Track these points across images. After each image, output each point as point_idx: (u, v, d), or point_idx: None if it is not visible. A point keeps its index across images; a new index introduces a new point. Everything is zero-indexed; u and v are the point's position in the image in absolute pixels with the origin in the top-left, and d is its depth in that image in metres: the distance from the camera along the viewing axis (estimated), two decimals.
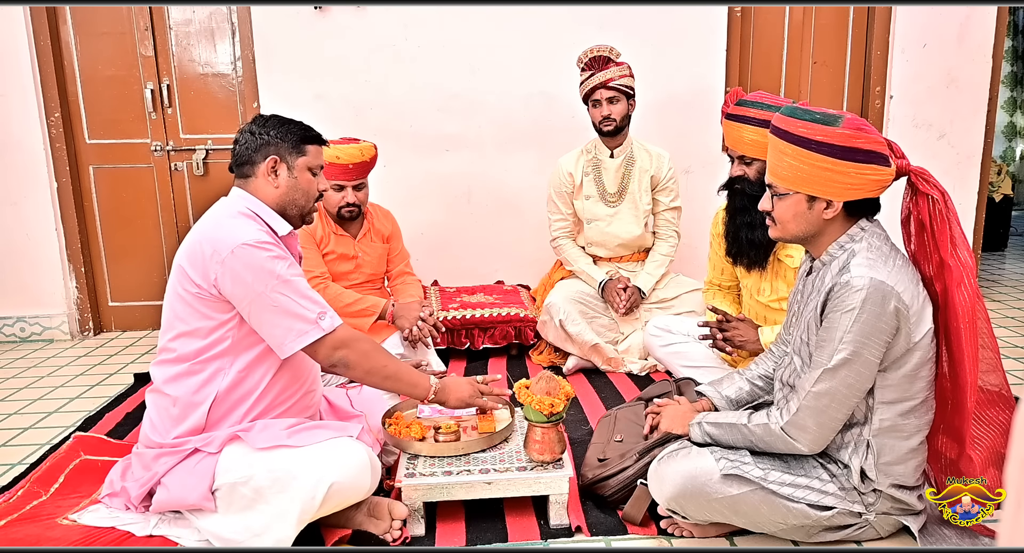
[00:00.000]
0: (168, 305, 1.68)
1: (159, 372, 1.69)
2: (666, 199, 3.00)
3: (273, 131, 1.72)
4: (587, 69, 2.83)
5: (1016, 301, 3.96)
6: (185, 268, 1.62)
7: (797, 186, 1.54)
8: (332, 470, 1.56)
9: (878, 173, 1.49)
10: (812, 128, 1.48)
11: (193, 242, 1.64)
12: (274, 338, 1.61)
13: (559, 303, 2.86)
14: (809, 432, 1.53)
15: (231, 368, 1.65)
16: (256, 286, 1.57)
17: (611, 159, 2.95)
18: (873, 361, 1.47)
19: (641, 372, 2.87)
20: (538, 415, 1.71)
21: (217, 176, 3.69)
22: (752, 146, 2.15)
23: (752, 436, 1.59)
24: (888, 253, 1.52)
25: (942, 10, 3.61)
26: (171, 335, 1.67)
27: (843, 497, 1.57)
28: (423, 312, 2.60)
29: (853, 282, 1.46)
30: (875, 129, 1.51)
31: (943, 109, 3.72)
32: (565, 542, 1.72)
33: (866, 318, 1.44)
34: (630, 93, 2.85)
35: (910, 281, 1.49)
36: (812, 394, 1.51)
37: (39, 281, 3.58)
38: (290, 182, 1.73)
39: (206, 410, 1.64)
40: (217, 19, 3.55)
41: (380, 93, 3.54)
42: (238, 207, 1.69)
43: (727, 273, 2.53)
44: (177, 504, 1.62)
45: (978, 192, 3.83)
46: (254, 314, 1.59)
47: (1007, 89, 6.87)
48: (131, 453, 1.79)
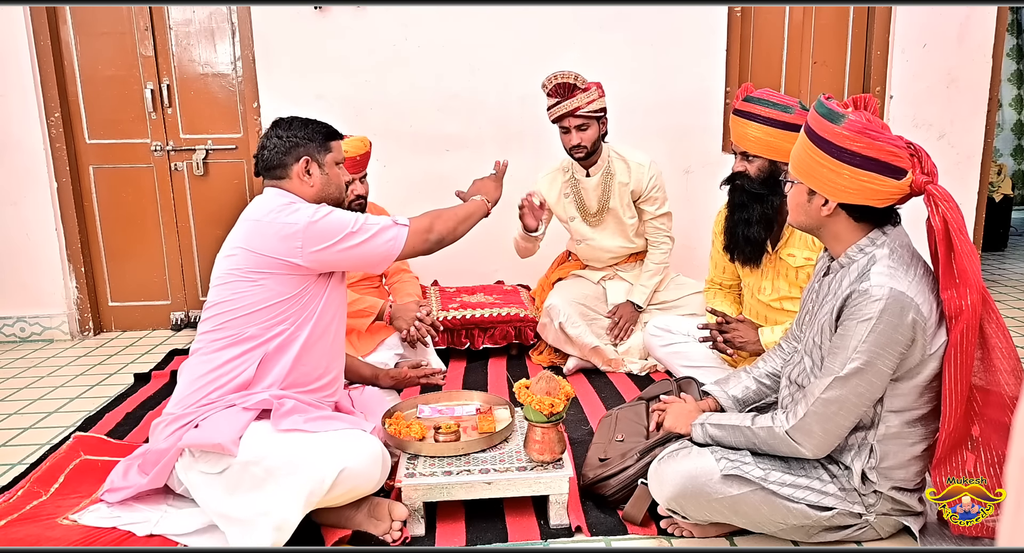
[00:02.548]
0: (224, 287, 1.74)
1: (207, 340, 1.75)
2: (651, 208, 2.89)
3: (300, 133, 1.81)
4: (552, 95, 2.70)
5: (1016, 301, 3.96)
6: (253, 249, 1.71)
7: (799, 175, 1.56)
8: (344, 456, 1.59)
9: (878, 182, 1.44)
10: (817, 122, 1.48)
11: (259, 225, 1.72)
12: (376, 257, 1.77)
13: (559, 305, 2.86)
14: (815, 438, 1.52)
15: (278, 339, 1.73)
16: (340, 240, 1.72)
17: (588, 178, 2.87)
18: (886, 372, 1.46)
19: (641, 372, 2.87)
20: (538, 415, 1.71)
21: (217, 176, 3.69)
22: (755, 143, 2.16)
23: (756, 438, 1.59)
24: (910, 262, 1.49)
25: (942, 10, 3.61)
26: (220, 312, 1.73)
27: (843, 498, 1.57)
28: (420, 312, 2.59)
29: (872, 291, 1.43)
30: (891, 140, 1.43)
31: (943, 109, 3.72)
32: (565, 542, 1.72)
33: (882, 329, 1.42)
34: (600, 116, 2.75)
35: (930, 292, 1.47)
36: (821, 400, 1.49)
37: (39, 281, 3.58)
38: (323, 179, 1.84)
39: (253, 372, 1.71)
40: (217, 19, 3.55)
41: (380, 93, 3.54)
42: (287, 199, 1.78)
43: (728, 272, 2.53)
44: (204, 442, 1.61)
45: (978, 192, 3.83)
46: (349, 257, 1.74)
47: (1014, 87, 6.87)
48: (157, 423, 1.78)
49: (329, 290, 1.81)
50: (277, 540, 1.55)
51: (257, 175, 1.87)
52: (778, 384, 1.84)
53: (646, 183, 2.85)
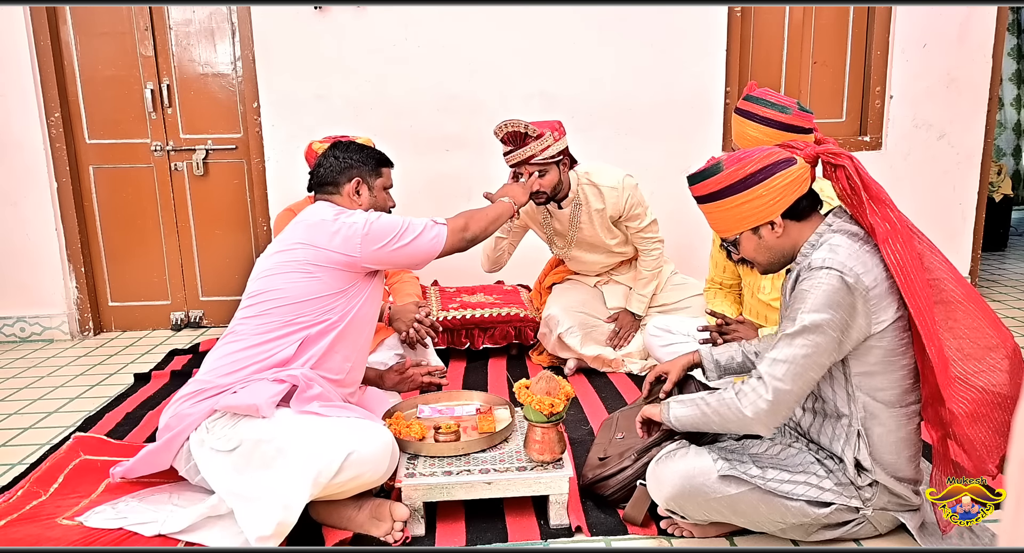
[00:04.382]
0: (275, 277, 1.85)
1: (251, 324, 1.83)
2: (635, 224, 2.82)
3: (355, 156, 2.00)
4: (506, 143, 2.55)
5: (1016, 301, 3.96)
6: (315, 245, 1.83)
7: (735, 229, 1.63)
8: (354, 441, 1.63)
9: (786, 176, 1.54)
10: (707, 184, 1.59)
11: (324, 223, 1.85)
12: (423, 253, 1.93)
13: (558, 315, 2.86)
14: (762, 402, 1.50)
15: (321, 325, 1.83)
16: (393, 238, 1.88)
17: (560, 210, 2.80)
18: (832, 335, 1.47)
19: (641, 372, 2.87)
20: (538, 415, 1.71)
21: (217, 176, 3.69)
22: (754, 142, 2.16)
23: (707, 408, 1.58)
24: (853, 241, 1.54)
25: (942, 10, 3.61)
26: (268, 299, 1.83)
27: (840, 492, 1.58)
28: (419, 313, 2.58)
29: (813, 263, 1.51)
30: (760, 150, 1.57)
31: (943, 109, 3.72)
32: (565, 542, 1.72)
33: (823, 291, 1.47)
34: (559, 159, 2.60)
35: (875, 266, 1.51)
36: (769, 360, 1.52)
37: (39, 281, 3.58)
38: (371, 200, 2.02)
39: (293, 351, 1.81)
40: (217, 19, 3.55)
41: (380, 93, 3.54)
42: (340, 208, 1.95)
43: (728, 271, 2.53)
44: (239, 405, 1.69)
45: (978, 192, 3.83)
46: (400, 254, 1.90)
47: (1014, 87, 6.87)
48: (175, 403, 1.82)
49: (372, 288, 1.95)
50: (285, 518, 1.56)
51: (310, 190, 2.05)
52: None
53: (623, 205, 2.76)
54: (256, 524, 1.56)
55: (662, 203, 3.45)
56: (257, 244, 3.75)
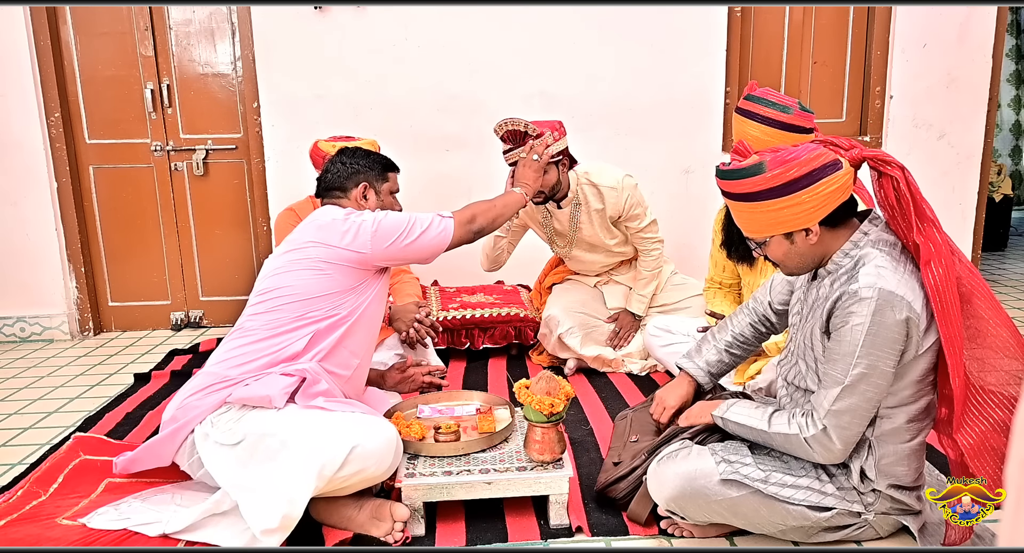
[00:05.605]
0: (286, 275, 1.88)
1: (261, 320, 1.86)
2: (635, 224, 2.81)
3: (362, 162, 2.06)
4: (505, 141, 2.53)
5: (1016, 301, 3.96)
6: (327, 243, 1.87)
7: (767, 232, 1.54)
8: (358, 435, 1.64)
9: (832, 183, 1.45)
10: (745, 183, 1.48)
11: (335, 223, 1.88)
12: (431, 248, 1.95)
13: (559, 316, 2.86)
14: (834, 448, 1.51)
15: (331, 320, 1.86)
16: (402, 234, 1.91)
17: (560, 210, 2.80)
18: (889, 372, 1.45)
19: (641, 372, 2.87)
20: (538, 415, 1.71)
21: (217, 176, 3.69)
22: (754, 142, 2.16)
23: (772, 442, 1.59)
24: (898, 259, 1.49)
25: (942, 10, 3.61)
26: (279, 296, 1.85)
27: (842, 497, 1.57)
28: (419, 314, 2.58)
29: (861, 292, 1.43)
30: (806, 149, 1.47)
31: (943, 109, 3.72)
32: (565, 542, 1.72)
33: (876, 330, 1.42)
34: (559, 159, 2.60)
35: (920, 288, 1.46)
36: (833, 413, 1.48)
37: (39, 281, 3.58)
38: (377, 204, 2.06)
39: (303, 344, 1.84)
40: (217, 19, 3.55)
41: (380, 93, 3.54)
42: (349, 209, 1.98)
43: (728, 270, 2.53)
44: (251, 395, 1.72)
45: (978, 192, 3.83)
46: (410, 249, 1.92)
47: (1012, 88, 6.87)
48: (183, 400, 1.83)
49: (380, 285, 1.99)
50: (290, 511, 1.56)
51: (317, 195, 2.09)
52: (747, 349, 1.92)
53: (623, 205, 2.75)
54: (261, 517, 1.56)
55: (662, 203, 3.46)
56: (257, 244, 3.75)
